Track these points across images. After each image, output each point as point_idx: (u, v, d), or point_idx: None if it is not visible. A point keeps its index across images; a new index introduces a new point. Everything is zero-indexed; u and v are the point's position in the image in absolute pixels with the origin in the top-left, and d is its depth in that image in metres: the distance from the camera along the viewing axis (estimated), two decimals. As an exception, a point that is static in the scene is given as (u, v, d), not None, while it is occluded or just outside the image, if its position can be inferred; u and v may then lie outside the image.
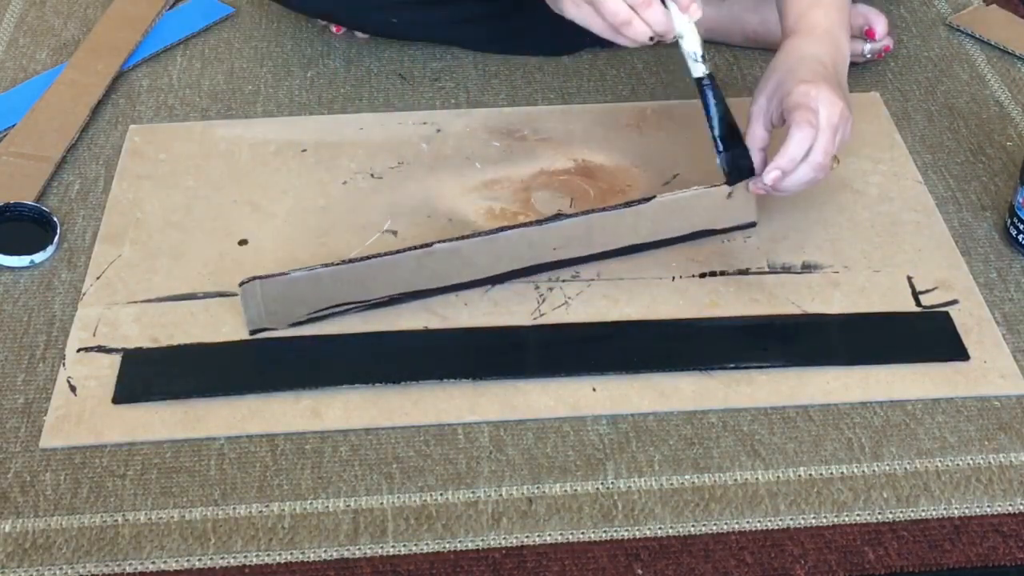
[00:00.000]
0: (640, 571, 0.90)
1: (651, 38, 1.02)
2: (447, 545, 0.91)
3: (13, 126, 1.29)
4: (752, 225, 1.15)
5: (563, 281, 1.11)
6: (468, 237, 1.07)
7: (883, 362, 1.04)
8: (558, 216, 1.12)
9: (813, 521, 0.93)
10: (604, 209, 1.10)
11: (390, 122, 1.31)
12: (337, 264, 1.05)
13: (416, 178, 1.23)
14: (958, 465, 0.97)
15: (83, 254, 1.15)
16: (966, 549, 0.91)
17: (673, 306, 1.09)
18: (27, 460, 0.97)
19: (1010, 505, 0.94)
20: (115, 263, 1.13)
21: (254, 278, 1.04)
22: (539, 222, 1.09)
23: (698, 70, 1.06)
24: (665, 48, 1.42)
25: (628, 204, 1.10)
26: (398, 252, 1.05)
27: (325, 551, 0.91)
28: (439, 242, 1.06)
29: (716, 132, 1.07)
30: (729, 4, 1.40)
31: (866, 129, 1.29)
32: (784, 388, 1.02)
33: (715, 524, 0.93)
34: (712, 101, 1.06)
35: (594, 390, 1.02)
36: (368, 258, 1.05)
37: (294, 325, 1.06)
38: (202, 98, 1.35)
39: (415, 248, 1.06)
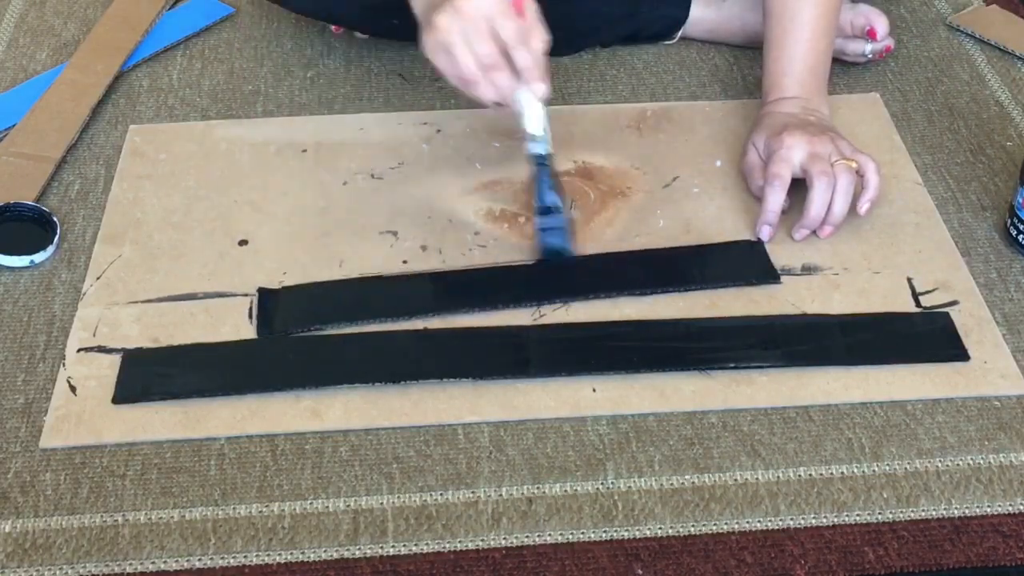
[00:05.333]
0: (640, 571, 0.90)
1: (496, 103, 1.04)
2: (447, 545, 0.91)
3: (13, 126, 1.29)
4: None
5: (563, 281, 1.12)
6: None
7: (883, 363, 1.04)
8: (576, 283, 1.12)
9: (813, 521, 0.93)
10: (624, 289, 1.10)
11: (390, 122, 1.31)
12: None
13: (416, 179, 1.23)
14: (958, 465, 0.97)
15: (83, 254, 1.15)
16: (966, 549, 0.91)
17: (673, 306, 1.09)
18: (27, 460, 0.97)
19: (1010, 505, 0.94)
20: (115, 263, 1.13)
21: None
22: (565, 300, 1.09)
23: (537, 148, 1.08)
24: (665, 49, 1.43)
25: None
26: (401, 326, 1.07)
27: (325, 551, 0.91)
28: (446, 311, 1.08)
29: (538, 207, 1.10)
30: (729, 4, 1.40)
31: (866, 131, 1.29)
32: (784, 388, 1.02)
33: (715, 524, 0.93)
34: (544, 179, 1.09)
35: (594, 390, 1.02)
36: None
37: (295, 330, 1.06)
38: (202, 98, 1.35)
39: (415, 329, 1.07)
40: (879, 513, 0.93)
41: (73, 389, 1.01)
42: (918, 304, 1.09)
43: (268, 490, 0.95)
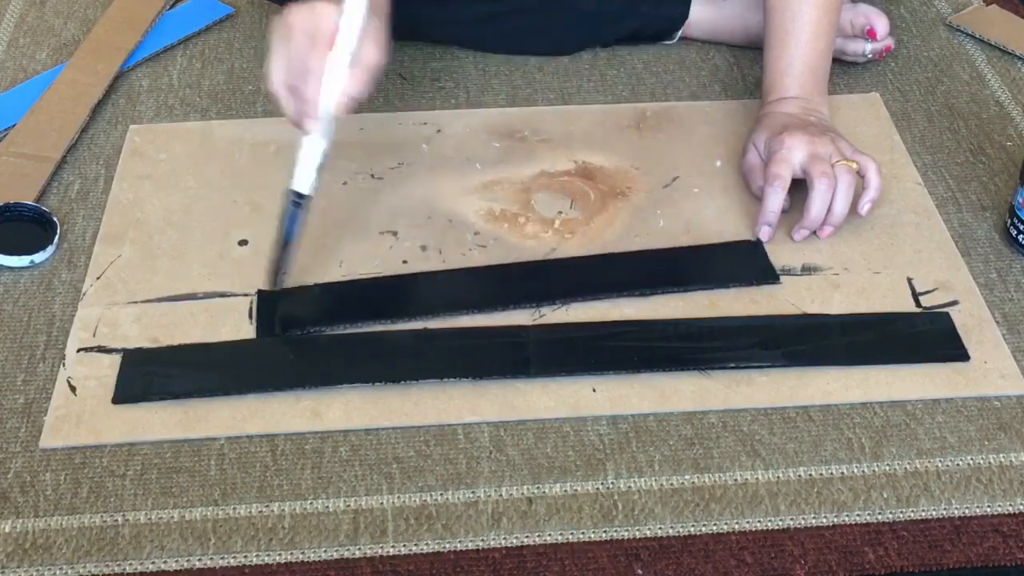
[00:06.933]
0: (640, 571, 0.90)
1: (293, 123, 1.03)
2: (447, 545, 0.91)
3: (13, 126, 1.29)
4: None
5: (563, 281, 1.11)
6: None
7: (883, 363, 1.04)
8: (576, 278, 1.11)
9: (813, 521, 0.93)
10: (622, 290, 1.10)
11: (390, 122, 1.31)
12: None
13: (416, 179, 1.23)
14: (958, 465, 0.97)
15: (83, 254, 1.15)
16: (966, 549, 0.91)
17: (673, 306, 1.09)
18: (27, 460, 0.97)
19: (1010, 505, 0.94)
20: (115, 263, 1.13)
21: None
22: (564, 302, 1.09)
23: (299, 186, 1.04)
24: (665, 49, 1.43)
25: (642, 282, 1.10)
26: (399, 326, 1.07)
27: (325, 551, 0.91)
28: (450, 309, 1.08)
29: (282, 241, 1.06)
30: (731, 4, 1.40)
31: (866, 131, 1.29)
32: (784, 388, 1.02)
33: (715, 524, 0.93)
34: (295, 220, 1.05)
35: (594, 390, 1.02)
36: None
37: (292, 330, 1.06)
38: (202, 98, 1.35)
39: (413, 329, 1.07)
40: (879, 513, 0.93)
41: (73, 389, 1.01)
42: (918, 304, 1.09)
43: (268, 490, 0.95)
